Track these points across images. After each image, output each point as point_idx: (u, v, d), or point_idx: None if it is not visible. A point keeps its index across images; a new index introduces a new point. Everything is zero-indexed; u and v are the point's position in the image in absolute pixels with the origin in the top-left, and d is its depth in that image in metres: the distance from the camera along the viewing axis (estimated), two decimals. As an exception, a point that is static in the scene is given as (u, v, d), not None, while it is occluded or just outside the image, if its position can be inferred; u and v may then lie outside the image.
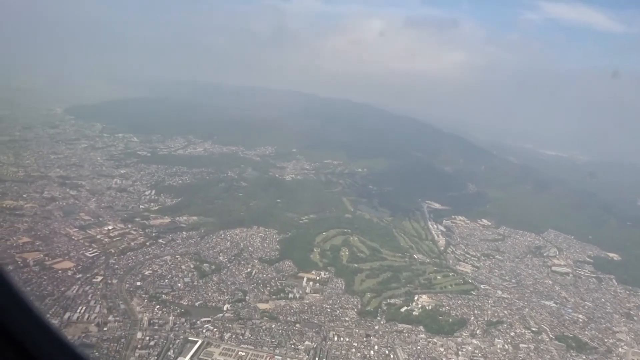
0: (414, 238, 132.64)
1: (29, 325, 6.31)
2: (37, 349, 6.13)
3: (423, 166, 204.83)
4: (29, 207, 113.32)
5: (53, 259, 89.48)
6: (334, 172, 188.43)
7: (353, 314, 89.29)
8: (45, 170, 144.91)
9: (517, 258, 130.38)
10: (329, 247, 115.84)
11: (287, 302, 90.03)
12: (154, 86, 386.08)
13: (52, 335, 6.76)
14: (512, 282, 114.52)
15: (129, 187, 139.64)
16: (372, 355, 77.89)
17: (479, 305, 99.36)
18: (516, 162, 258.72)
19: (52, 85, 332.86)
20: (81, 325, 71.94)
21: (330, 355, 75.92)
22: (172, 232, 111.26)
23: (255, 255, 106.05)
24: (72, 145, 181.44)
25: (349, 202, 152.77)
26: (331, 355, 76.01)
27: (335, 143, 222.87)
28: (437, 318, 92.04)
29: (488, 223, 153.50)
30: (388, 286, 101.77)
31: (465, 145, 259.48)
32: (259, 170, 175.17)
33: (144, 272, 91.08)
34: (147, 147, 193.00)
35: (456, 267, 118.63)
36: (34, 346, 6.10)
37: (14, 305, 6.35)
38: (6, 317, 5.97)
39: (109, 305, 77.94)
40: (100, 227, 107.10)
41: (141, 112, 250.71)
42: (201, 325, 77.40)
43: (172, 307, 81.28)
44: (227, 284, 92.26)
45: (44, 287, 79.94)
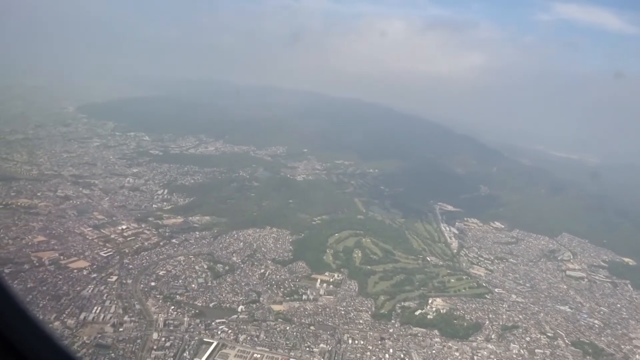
0: (427, 240, 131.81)
1: (23, 329, 6.35)
2: (33, 353, 6.20)
3: (434, 167, 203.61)
4: (44, 205, 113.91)
5: (68, 258, 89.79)
6: (345, 172, 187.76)
7: (367, 316, 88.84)
8: (58, 168, 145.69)
9: (531, 262, 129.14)
10: (341, 248, 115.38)
11: (301, 303, 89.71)
12: (165, 85, 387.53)
13: (46, 338, 6.76)
14: (526, 286, 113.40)
15: (141, 186, 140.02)
16: (387, 359, 77.34)
17: (494, 309, 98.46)
18: (528, 164, 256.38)
19: (64, 84, 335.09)
20: (97, 325, 72.03)
21: (345, 359, 75.50)
22: (185, 232, 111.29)
23: (269, 256, 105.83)
24: (84, 144, 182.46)
25: (361, 203, 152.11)
26: (346, 359, 75.59)
27: (346, 143, 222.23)
28: (451, 322, 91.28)
29: (501, 226, 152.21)
30: (402, 289, 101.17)
31: (477, 147, 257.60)
32: (270, 170, 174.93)
33: (158, 272, 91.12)
34: (159, 146, 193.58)
35: (469, 270, 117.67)
36: (29, 350, 6.14)
37: (9, 309, 6.38)
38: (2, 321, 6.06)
39: (125, 306, 78.04)
40: (114, 227, 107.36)
41: (152, 110, 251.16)
42: (216, 327, 77.25)
43: (186, 307, 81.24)
44: (240, 285, 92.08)
45: (59, 286, 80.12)
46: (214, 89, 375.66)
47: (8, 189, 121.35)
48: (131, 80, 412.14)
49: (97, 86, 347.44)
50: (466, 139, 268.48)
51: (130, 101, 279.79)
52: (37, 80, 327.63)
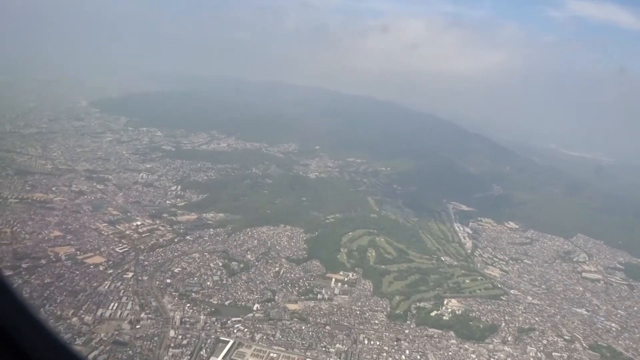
0: (441, 240, 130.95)
1: (24, 326, 6.33)
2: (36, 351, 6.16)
3: (447, 166, 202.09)
4: (59, 200, 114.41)
5: (84, 253, 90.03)
6: (357, 170, 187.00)
7: (382, 316, 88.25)
8: (72, 163, 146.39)
9: (546, 263, 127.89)
10: (355, 247, 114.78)
11: (316, 303, 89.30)
12: (176, 81, 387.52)
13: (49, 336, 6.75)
14: (542, 288, 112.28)
15: (155, 182, 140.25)
16: (403, 360, 76.84)
17: (510, 311, 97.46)
18: (541, 163, 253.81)
19: (76, 78, 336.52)
20: (114, 322, 72.09)
21: (361, 359, 75.02)
22: (199, 228, 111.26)
23: (283, 254, 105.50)
24: (97, 139, 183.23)
25: (374, 201, 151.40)
26: (362, 359, 75.11)
27: (358, 141, 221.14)
28: (467, 323, 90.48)
29: (515, 226, 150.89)
30: (417, 289, 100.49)
31: (489, 145, 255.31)
32: (282, 167, 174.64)
33: (174, 269, 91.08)
34: (171, 141, 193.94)
35: (484, 271, 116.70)
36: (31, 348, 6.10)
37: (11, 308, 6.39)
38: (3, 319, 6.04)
39: (141, 302, 78.09)
40: (129, 223, 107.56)
41: (164, 106, 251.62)
42: (232, 325, 77.08)
43: (202, 305, 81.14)
44: (255, 283, 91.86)
45: (76, 282, 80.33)
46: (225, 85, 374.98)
47: (23, 182, 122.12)
48: (143, 75, 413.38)
49: (109, 81, 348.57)
50: (479, 138, 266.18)
51: (142, 96, 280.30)
52: (49, 74, 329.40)
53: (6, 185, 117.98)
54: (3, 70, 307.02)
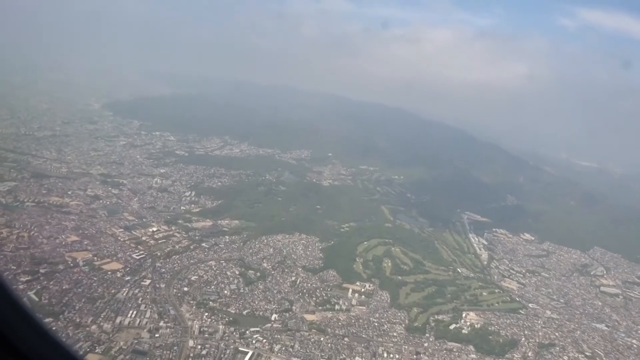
0: (456, 251, 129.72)
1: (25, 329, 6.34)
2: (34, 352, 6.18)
3: (460, 175, 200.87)
4: (75, 204, 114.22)
5: (101, 259, 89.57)
6: (370, 178, 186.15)
7: (401, 329, 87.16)
8: (86, 167, 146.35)
9: (563, 276, 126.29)
10: (371, 257, 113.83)
11: (333, 313, 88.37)
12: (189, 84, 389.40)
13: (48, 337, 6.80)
14: (560, 302, 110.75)
15: (169, 187, 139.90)
16: (423, 375, 75.69)
17: (529, 325, 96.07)
18: (553, 173, 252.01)
19: (88, 79, 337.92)
20: (133, 330, 71.45)
21: (381, 373, 74.01)
22: (214, 235, 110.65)
23: (299, 263, 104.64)
24: (111, 142, 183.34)
25: (388, 210, 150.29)
26: (382, 373, 74.10)
27: (370, 148, 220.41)
28: (487, 337, 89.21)
29: (531, 238, 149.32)
30: (434, 301, 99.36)
31: (502, 154, 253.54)
32: (296, 174, 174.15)
33: (190, 277, 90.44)
34: (184, 146, 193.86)
35: (501, 284, 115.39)
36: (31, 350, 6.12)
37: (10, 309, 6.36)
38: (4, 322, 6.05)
39: (159, 310, 77.41)
40: (145, 229, 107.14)
41: (176, 110, 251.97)
42: (250, 335, 76.17)
43: (220, 314, 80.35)
44: (273, 293, 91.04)
45: (94, 288, 79.79)
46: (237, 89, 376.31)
47: (39, 186, 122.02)
48: (154, 77, 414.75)
49: (121, 83, 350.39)
50: (490, 146, 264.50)
51: (154, 100, 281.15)
52: (62, 75, 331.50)
53: (22, 189, 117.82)
54: (16, 71, 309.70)
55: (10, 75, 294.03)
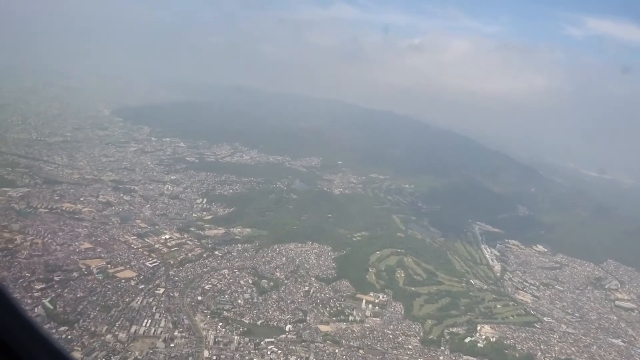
0: (469, 262, 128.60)
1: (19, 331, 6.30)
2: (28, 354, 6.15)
3: (470, 184, 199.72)
4: (87, 211, 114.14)
5: (115, 267, 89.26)
6: (380, 187, 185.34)
7: (416, 341, 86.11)
8: (98, 173, 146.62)
9: (577, 289, 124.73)
10: (384, 267, 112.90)
11: (347, 325, 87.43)
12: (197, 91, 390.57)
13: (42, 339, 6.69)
14: (575, 316, 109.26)
15: (180, 194, 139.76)
16: (439, 389, 74.61)
17: (545, 339, 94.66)
18: (563, 183, 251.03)
19: (98, 85, 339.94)
20: (148, 340, 70.91)
21: (397, 387, 72.98)
22: (227, 243, 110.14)
23: (312, 272, 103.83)
24: (122, 148, 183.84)
25: (399, 220, 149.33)
26: (398, 387, 73.07)
27: (380, 156, 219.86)
28: (502, 352, 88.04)
29: (544, 249, 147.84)
30: (448, 313, 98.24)
31: (511, 164, 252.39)
32: (306, 182, 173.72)
33: (204, 285, 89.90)
34: (194, 153, 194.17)
35: (515, 296, 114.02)
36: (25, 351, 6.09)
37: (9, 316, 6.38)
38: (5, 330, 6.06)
39: (174, 320, 76.82)
40: (158, 236, 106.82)
41: (185, 116, 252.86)
42: (265, 347, 75.41)
43: (234, 324, 79.62)
44: (286, 303, 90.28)
45: (108, 297, 79.39)
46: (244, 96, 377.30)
47: (52, 192, 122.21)
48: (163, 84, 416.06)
49: (129, 89, 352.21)
50: (501, 156, 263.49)
51: (163, 106, 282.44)
52: (71, 81, 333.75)
53: (35, 195, 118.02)
54: (26, 77, 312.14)
55: (21, 81, 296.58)
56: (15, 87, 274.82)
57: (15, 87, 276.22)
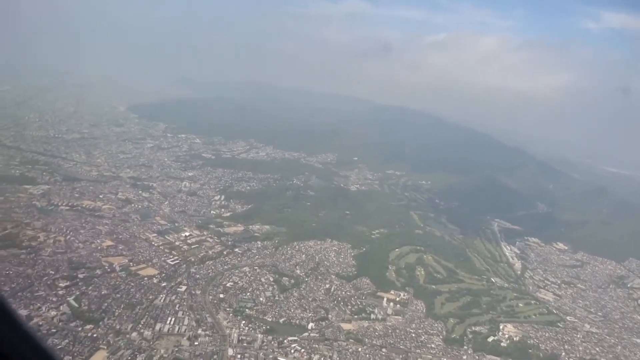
0: (488, 259, 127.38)
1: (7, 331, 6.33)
2: None
3: (488, 181, 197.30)
4: (107, 208, 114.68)
5: (137, 264, 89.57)
6: (397, 183, 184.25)
7: (439, 340, 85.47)
8: (116, 170, 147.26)
9: (599, 288, 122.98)
10: (403, 265, 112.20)
11: (370, 323, 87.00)
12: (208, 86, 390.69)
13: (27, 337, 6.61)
14: (598, 315, 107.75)
15: (198, 191, 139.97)
16: (464, 389, 73.88)
17: (568, 339, 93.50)
18: (581, 179, 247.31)
19: (113, 83, 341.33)
20: (172, 337, 71.06)
21: (421, 386, 72.38)
22: (246, 241, 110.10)
23: (332, 270, 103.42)
24: (138, 145, 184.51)
25: (417, 216, 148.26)
26: (422, 386, 72.48)
27: (396, 152, 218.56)
28: (526, 351, 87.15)
29: (564, 247, 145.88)
30: (470, 312, 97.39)
31: (529, 159, 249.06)
32: (323, 179, 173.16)
33: (225, 283, 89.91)
34: (210, 149, 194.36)
35: (537, 295, 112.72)
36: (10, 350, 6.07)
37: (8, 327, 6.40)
38: None
39: (197, 318, 76.91)
40: (178, 233, 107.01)
41: (200, 112, 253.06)
42: (288, 345, 75.25)
43: (257, 323, 79.55)
44: (308, 300, 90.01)
45: (132, 294, 79.65)
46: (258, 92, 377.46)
47: (72, 189, 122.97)
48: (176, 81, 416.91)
49: (144, 86, 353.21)
50: (518, 152, 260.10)
51: (178, 102, 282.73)
52: (87, 78, 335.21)
53: (56, 192, 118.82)
54: (41, 74, 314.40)
55: (35, 79, 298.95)
56: (30, 85, 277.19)
57: (30, 85, 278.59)
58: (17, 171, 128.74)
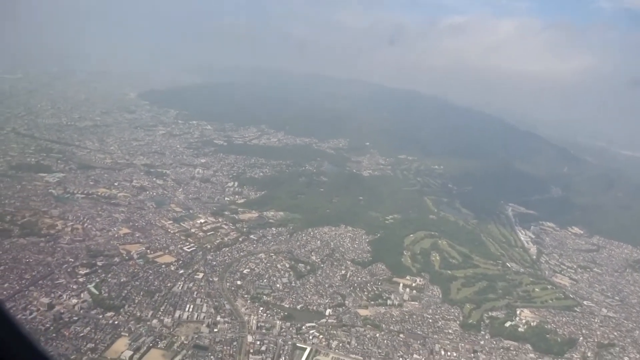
0: (503, 244, 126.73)
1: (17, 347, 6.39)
2: None
3: (501, 165, 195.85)
4: (122, 196, 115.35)
5: (154, 252, 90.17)
6: (409, 168, 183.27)
7: (456, 326, 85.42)
8: (130, 157, 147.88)
9: (616, 272, 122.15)
10: (418, 250, 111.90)
11: (386, 309, 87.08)
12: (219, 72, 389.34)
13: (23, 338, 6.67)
14: (615, 300, 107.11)
15: (211, 178, 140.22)
16: (482, 374, 73.95)
17: (586, 324, 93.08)
18: (595, 162, 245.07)
19: (123, 69, 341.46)
20: (192, 325, 71.66)
21: (440, 371, 72.54)
22: (261, 227, 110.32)
23: (347, 256, 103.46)
24: (150, 132, 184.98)
25: (431, 202, 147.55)
26: (441, 371, 72.63)
27: (407, 137, 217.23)
28: (544, 336, 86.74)
29: (580, 231, 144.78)
30: (486, 297, 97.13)
31: (542, 143, 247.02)
32: (335, 164, 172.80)
33: (242, 270, 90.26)
34: (222, 135, 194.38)
35: (553, 279, 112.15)
36: None
37: None
38: None
39: (215, 305, 77.39)
40: (193, 220, 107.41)
41: (210, 98, 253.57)
42: (307, 331, 75.59)
43: (275, 309, 79.92)
44: (324, 287, 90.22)
45: (150, 282, 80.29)
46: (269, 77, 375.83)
47: (87, 177, 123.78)
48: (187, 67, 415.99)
49: (154, 72, 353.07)
50: (532, 136, 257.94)
51: (188, 89, 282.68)
52: (94, 66, 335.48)
53: (71, 180, 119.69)
54: (51, 62, 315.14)
55: (46, 66, 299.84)
56: (41, 73, 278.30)
57: (41, 72, 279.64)
58: (32, 159, 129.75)
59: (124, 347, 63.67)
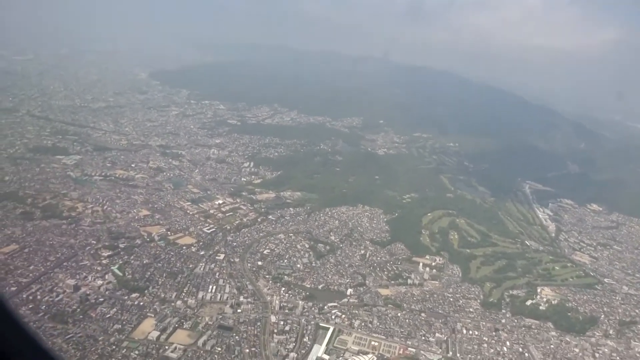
0: (521, 222, 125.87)
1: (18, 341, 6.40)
2: None
3: (517, 142, 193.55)
4: (140, 177, 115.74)
5: (175, 233, 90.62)
6: (424, 146, 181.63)
7: (476, 304, 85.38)
8: (145, 138, 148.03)
9: (636, 249, 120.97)
10: (437, 229, 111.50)
11: (407, 288, 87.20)
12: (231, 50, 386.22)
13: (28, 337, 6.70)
14: (636, 277, 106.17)
15: (226, 158, 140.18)
16: (505, 352, 73.91)
17: (607, 301, 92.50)
18: (612, 137, 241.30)
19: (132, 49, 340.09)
20: (215, 305, 72.20)
21: (462, 350, 72.65)
22: (279, 207, 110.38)
23: (366, 236, 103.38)
24: (163, 112, 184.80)
25: (447, 180, 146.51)
26: (463, 350, 72.74)
27: (421, 114, 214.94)
28: (565, 314, 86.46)
29: (599, 208, 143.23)
30: (506, 275, 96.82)
31: (558, 119, 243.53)
32: (349, 143, 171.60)
33: (262, 250, 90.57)
34: (235, 115, 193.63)
35: (573, 257, 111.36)
36: None
37: None
38: None
39: (237, 285, 77.89)
40: (211, 201, 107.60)
41: (222, 77, 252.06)
42: (329, 311, 75.95)
43: (296, 289, 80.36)
44: (344, 267, 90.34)
45: (172, 263, 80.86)
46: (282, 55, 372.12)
47: (103, 159, 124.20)
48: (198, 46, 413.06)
49: (164, 52, 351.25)
50: (547, 111, 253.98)
51: (200, 68, 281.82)
52: (107, 45, 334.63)
53: (88, 162, 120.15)
54: (61, 42, 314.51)
55: (57, 47, 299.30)
56: (52, 54, 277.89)
57: (52, 53, 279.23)
58: (48, 142, 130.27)
59: (150, 327, 64.38)
